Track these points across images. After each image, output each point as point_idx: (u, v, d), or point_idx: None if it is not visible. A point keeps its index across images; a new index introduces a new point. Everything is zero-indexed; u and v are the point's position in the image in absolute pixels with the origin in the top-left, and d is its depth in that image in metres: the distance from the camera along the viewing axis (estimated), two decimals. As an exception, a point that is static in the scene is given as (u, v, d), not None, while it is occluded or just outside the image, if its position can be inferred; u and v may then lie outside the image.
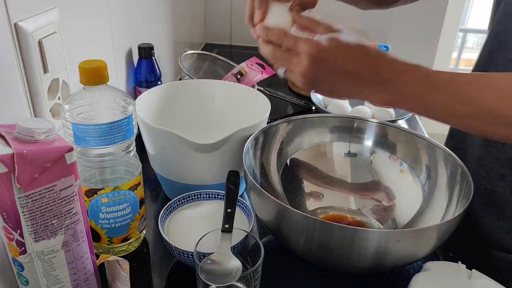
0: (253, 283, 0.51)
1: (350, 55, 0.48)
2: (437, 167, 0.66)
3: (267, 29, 0.52)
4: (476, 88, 0.46)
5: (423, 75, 0.48)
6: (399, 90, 0.48)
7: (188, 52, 1.11)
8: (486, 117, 0.46)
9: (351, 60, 0.48)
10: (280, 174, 0.71)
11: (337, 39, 0.48)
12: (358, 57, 0.48)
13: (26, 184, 0.41)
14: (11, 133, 0.43)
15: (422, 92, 0.47)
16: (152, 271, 0.60)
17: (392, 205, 0.68)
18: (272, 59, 0.52)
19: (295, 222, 0.53)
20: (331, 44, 0.48)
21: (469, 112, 0.47)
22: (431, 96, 0.47)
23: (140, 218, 0.60)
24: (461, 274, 0.53)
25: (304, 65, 0.48)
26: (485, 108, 0.46)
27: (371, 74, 0.48)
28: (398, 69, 0.48)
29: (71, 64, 0.62)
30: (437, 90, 0.47)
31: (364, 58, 0.48)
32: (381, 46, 1.30)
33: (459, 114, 0.47)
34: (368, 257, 0.52)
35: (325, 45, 0.48)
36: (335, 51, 0.48)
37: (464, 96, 0.47)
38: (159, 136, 0.65)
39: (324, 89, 0.51)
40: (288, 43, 0.50)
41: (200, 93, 0.82)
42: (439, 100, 0.47)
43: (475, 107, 0.46)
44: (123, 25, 0.84)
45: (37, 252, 0.45)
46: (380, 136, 0.73)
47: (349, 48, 0.48)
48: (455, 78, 0.47)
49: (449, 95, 0.47)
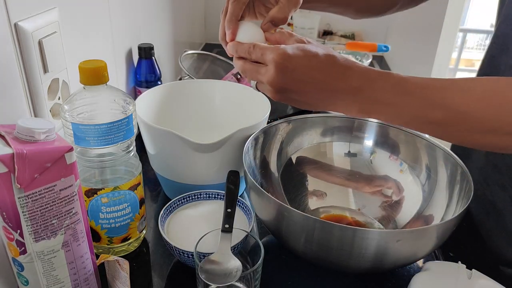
0: (253, 283, 0.51)
1: (318, 64, 0.47)
2: (437, 167, 0.66)
3: (237, 44, 0.52)
4: (450, 93, 0.45)
5: (394, 82, 0.47)
6: (370, 98, 0.47)
7: (188, 52, 1.12)
8: (462, 122, 0.45)
9: (318, 69, 0.47)
10: (280, 174, 0.71)
11: (304, 48, 0.48)
12: (326, 65, 0.48)
13: (26, 184, 0.41)
14: (11, 133, 0.43)
15: (394, 99, 0.46)
16: (152, 271, 0.60)
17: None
18: (243, 73, 0.52)
19: (295, 222, 0.53)
20: (298, 52, 0.47)
21: (443, 118, 0.45)
22: (403, 102, 0.46)
23: (140, 218, 0.60)
24: (461, 274, 0.53)
25: (271, 73, 0.48)
26: (459, 112, 0.44)
27: (340, 83, 0.47)
28: (368, 77, 0.47)
29: (71, 64, 0.62)
30: (409, 96, 0.46)
31: (332, 67, 0.48)
32: (381, 46, 1.30)
33: (433, 120, 0.46)
34: (368, 257, 0.52)
35: (291, 53, 0.47)
36: (302, 60, 0.47)
37: (438, 101, 0.45)
38: (159, 136, 0.65)
39: (294, 99, 0.50)
40: (256, 55, 0.50)
41: (200, 93, 0.82)
42: (411, 106, 0.46)
43: (449, 112, 0.45)
44: (123, 25, 0.84)
45: (37, 252, 0.45)
46: (380, 136, 0.73)
47: (316, 57, 0.48)
48: (428, 83, 0.46)
49: (422, 100, 0.46)
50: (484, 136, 0.45)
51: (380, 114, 0.48)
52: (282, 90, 0.49)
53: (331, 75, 0.47)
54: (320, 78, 0.47)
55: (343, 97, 0.48)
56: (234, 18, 0.53)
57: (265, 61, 0.49)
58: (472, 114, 0.44)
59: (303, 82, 0.48)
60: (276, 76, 0.48)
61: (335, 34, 1.67)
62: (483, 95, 0.44)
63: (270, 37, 0.53)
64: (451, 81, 0.46)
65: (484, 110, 0.44)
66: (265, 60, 0.49)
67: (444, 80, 0.46)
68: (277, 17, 0.53)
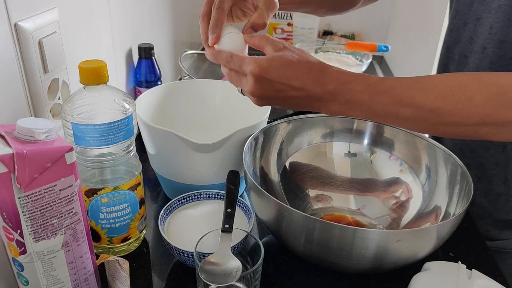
0: (253, 283, 0.51)
1: (294, 72, 0.50)
2: (437, 167, 0.66)
3: (217, 53, 0.55)
4: (417, 91, 0.49)
5: (367, 83, 0.50)
6: (346, 99, 0.50)
7: (188, 52, 1.12)
8: (429, 117, 0.49)
9: (295, 77, 0.50)
10: (280, 174, 0.71)
11: (280, 57, 0.50)
12: (302, 73, 0.50)
13: (26, 184, 0.41)
14: (11, 133, 0.43)
15: (367, 99, 0.50)
16: (152, 271, 0.60)
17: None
18: (229, 80, 0.55)
19: (295, 222, 0.53)
20: (273, 63, 0.50)
21: (412, 114, 0.49)
22: (376, 102, 0.50)
23: (140, 218, 0.60)
24: (461, 274, 0.53)
25: (250, 85, 0.51)
26: (426, 109, 0.48)
27: (317, 88, 0.50)
28: (343, 81, 0.50)
29: (71, 64, 0.62)
30: (381, 96, 0.49)
31: (308, 73, 0.50)
32: (381, 46, 1.30)
33: (404, 117, 0.50)
34: (368, 257, 0.52)
35: (267, 65, 0.50)
36: (278, 70, 0.50)
37: (405, 100, 0.49)
38: (159, 136, 0.65)
39: (276, 104, 0.54)
40: (235, 65, 0.52)
41: (200, 93, 0.82)
42: (383, 105, 0.50)
43: (417, 109, 0.49)
44: (123, 25, 0.84)
45: (37, 252, 0.45)
46: (380, 136, 0.73)
47: (292, 65, 0.50)
48: (397, 83, 0.50)
49: (392, 99, 0.49)
50: (449, 128, 0.49)
51: (356, 113, 0.52)
52: (263, 98, 0.52)
53: (307, 81, 0.50)
54: (297, 85, 0.50)
55: (322, 100, 0.51)
56: (219, 23, 0.55)
57: (243, 72, 0.52)
58: (436, 110, 0.48)
59: (281, 90, 0.51)
60: (255, 87, 0.51)
61: (335, 34, 1.67)
62: (444, 92, 0.48)
63: (250, 41, 0.55)
64: (417, 80, 0.50)
65: (445, 106, 0.47)
66: (244, 71, 0.51)
67: (411, 79, 0.50)
68: (257, 23, 0.56)
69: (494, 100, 0.46)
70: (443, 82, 0.49)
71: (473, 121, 0.47)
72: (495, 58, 0.66)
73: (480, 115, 0.47)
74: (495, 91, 0.46)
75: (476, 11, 0.69)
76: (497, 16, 0.64)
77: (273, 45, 0.53)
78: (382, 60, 1.57)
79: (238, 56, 0.52)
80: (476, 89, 0.47)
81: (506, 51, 0.65)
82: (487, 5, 0.66)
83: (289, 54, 0.51)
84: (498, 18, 0.64)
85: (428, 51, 1.40)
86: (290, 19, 1.57)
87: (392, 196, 0.70)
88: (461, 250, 0.64)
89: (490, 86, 0.47)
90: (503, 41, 0.64)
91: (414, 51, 1.53)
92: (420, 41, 1.51)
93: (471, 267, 0.55)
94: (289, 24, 1.58)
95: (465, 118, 0.47)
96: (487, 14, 0.66)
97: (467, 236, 0.67)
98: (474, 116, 0.47)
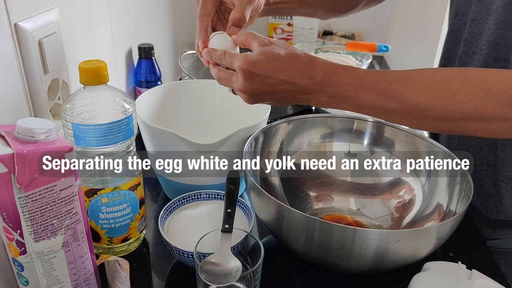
0: (253, 283, 0.51)
1: (281, 65, 0.50)
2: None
3: (211, 51, 0.56)
4: (402, 85, 0.49)
5: (354, 76, 0.50)
6: (333, 91, 0.50)
7: (188, 52, 1.11)
8: (414, 111, 0.49)
9: (282, 70, 0.50)
10: (280, 174, 0.71)
11: (267, 51, 0.51)
12: (289, 65, 0.50)
13: (26, 184, 0.41)
14: (11, 133, 0.43)
15: (354, 91, 0.50)
16: (152, 271, 0.60)
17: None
18: (218, 80, 0.56)
19: (295, 222, 0.53)
20: (261, 57, 0.50)
21: (398, 108, 0.49)
22: (362, 95, 0.50)
23: (140, 218, 0.60)
24: (461, 274, 0.53)
25: (240, 81, 0.51)
26: (411, 103, 0.48)
27: (305, 80, 0.50)
28: (330, 72, 0.50)
29: (71, 64, 0.62)
30: (367, 90, 0.50)
31: (296, 65, 0.50)
32: (381, 46, 1.30)
33: (390, 110, 0.50)
34: (368, 257, 0.52)
35: (254, 59, 0.50)
36: (265, 64, 0.50)
37: (392, 93, 0.49)
38: (159, 136, 0.65)
39: (266, 100, 0.54)
40: (227, 62, 0.53)
41: (200, 93, 0.82)
42: (370, 98, 0.50)
43: (402, 103, 0.49)
44: (123, 25, 0.84)
45: (37, 252, 0.45)
46: (380, 136, 0.73)
47: (279, 59, 0.50)
48: (383, 77, 0.50)
49: (378, 93, 0.49)
50: (434, 122, 0.49)
51: (344, 105, 0.52)
52: (254, 94, 0.52)
53: (295, 73, 0.50)
54: (286, 78, 0.50)
55: (310, 92, 0.51)
56: (203, 29, 0.57)
57: (234, 68, 0.52)
58: (421, 105, 0.48)
59: (270, 84, 0.51)
60: (245, 83, 0.51)
61: (335, 34, 1.67)
62: (429, 87, 0.48)
63: (237, 40, 0.56)
64: (403, 73, 0.50)
65: (430, 100, 0.48)
66: (234, 67, 0.52)
67: (398, 73, 0.50)
68: (234, 17, 0.56)
69: (477, 96, 0.46)
70: (428, 77, 0.49)
71: (457, 116, 0.47)
72: (490, 60, 0.66)
73: (464, 111, 0.47)
74: (479, 87, 0.46)
75: (473, 12, 0.69)
76: (493, 18, 0.64)
77: (258, 40, 0.53)
78: (382, 60, 1.57)
79: (230, 53, 0.53)
80: (461, 85, 0.47)
81: (500, 53, 0.65)
82: (484, 7, 0.66)
83: (276, 48, 0.51)
84: (493, 20, 0.64)
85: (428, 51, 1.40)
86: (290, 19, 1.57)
87: (396, 196, 0.70)
88: (461, 250, 0.64)
89: (474, 82, 0.47)
90: (498, 43, 0.65)
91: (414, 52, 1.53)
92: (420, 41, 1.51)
93: (471, 267, 0.54)
94: (289, 24, 1.58)
95: (449, 113, 0.47)
96: (485, 16, 0.66)
97: (467, 236, 0.67)
98: (458, 112, 0.47)
